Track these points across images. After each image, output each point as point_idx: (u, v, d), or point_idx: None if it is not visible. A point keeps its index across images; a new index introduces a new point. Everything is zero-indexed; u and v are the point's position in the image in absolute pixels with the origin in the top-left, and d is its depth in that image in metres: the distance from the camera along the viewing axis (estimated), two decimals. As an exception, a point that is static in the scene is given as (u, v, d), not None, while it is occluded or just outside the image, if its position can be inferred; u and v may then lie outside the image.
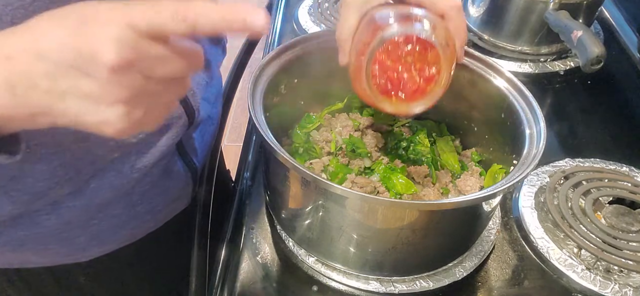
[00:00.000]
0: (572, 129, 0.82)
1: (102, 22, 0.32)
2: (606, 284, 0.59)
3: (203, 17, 0.33)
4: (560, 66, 0.91)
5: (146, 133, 0.55)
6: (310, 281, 0.59)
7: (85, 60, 0.32)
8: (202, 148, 0.68)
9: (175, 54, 0.34)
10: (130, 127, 0.35)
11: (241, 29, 0.34)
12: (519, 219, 0.66)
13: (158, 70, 0.34)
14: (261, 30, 0.34)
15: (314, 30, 0.94)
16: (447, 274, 0.60)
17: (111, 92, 0.33)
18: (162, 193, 0.63)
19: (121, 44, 0.31)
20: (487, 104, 0.63)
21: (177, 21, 0.32)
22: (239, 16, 0.33)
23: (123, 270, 0.71)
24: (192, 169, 0.66)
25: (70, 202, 0.54)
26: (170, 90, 0.37)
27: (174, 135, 0.58)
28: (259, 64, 0.59)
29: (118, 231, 0.62)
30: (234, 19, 0.33)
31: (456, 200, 0.52)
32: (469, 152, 0.69)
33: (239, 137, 1.89)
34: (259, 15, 0.33)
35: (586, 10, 0.87)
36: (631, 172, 0.72)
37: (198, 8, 0.33)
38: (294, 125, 0.70)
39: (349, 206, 0.51)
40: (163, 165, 0.60)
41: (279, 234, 0.63)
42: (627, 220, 0.64)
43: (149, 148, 0.56)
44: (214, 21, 0.33)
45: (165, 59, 0.34)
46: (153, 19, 0.32)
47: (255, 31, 0.34)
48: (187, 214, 0.70)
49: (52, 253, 0.59)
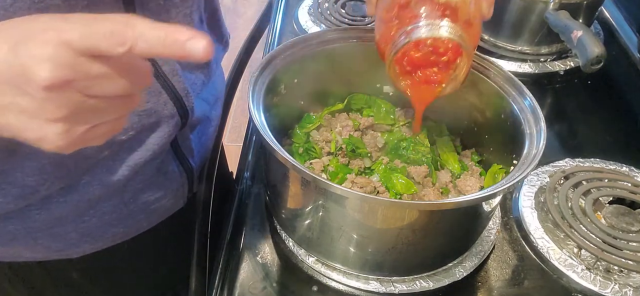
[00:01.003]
0: (572, 129, 0.82)
1: (40, 40, 0.32)
2: (606, 284, 0.59)
3: (141, 40, 0.32)
4: (560, 66, 0.90)
5: (135, 131, 0.55)
6: (310, 281, 0.59)
7: (22, 79, 0.32)
8: (199, 149, 0.68)
9: (118, 73, 0.34)
10: (71, 144, 0.35)
11: (181, 56, 0.33)
12: (519, 219, 0.66)
13: (97, 88, 0.34)
14: (202, 58, 0.33)
15: (314, 30, 0.94)
16: (447, 274, 0.60)
17: (48, 110, 0.33)
18: (155, 193, 0.63)
19: (56, 63, 0.31)
20: (487, 104, 0.63)
21: (113, 44, 0.32)
22: (179, 41, 0.33)
23: (116, 267, 0.71)
24: (188, 170, 0.66)
25: (61, 198, 0.55)
26: (116, 108, 0.37)
27: (166, 134, 0.57)
28: (259, 64, 0.59)
29: (109, 229, 0.62)
30: (174, 44, 0.33)
31: (456, 200, 0.52)
32: (469, 152, 0.69)
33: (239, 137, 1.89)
34: (200, 42, 0.33)
35: (586, 10, 0.87)
36: (631, 172, 0.72)
37: (138, 29, 0.32)
38: (294, 125, 0.70)
39: (349, 206, 0.51)
40: (156, 164, 0.60)
41: (279, 234, 0.63)
42: (627, 220, 0.64)
43: (139, 145, 0.56)
44: (152, 45, 0.33)
45: (105, 77, 0.34)
46: (88, 40, 0.32)
47: (195, 58, 0.33)
48: (182, 214, 0.69)
49: (43, 248, 0.60)
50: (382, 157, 0.67)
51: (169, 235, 0.71)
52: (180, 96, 0.57)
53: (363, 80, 0.71)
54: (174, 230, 0.71)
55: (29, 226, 0.56)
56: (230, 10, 2.76)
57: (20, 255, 0.62)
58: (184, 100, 0.58)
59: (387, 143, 0.69)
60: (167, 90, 0.55)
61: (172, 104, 0.57)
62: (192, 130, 0.65)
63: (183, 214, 0.70)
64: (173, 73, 0.56)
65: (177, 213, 0.69)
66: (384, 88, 0.72)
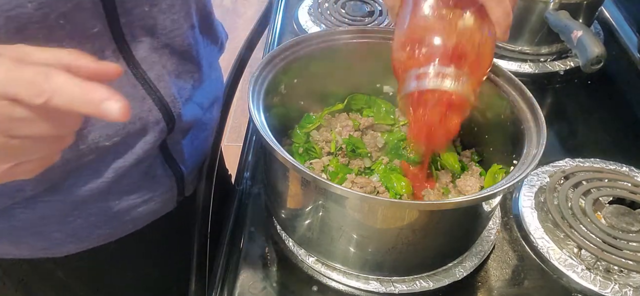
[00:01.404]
0: (572, 129, 0.82)
1: None
2: (606, 284, 0.59)
3: (57, 95, 0.33)
4: (560, 66, 0.90)
5: (120, 137, 0.54)
6: (310, 281, 0.59)
7: None
8: (191, 154, 0.66)
9: (41, 117, 0.34)
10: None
11: (97, 115, 0.34)
12: (519, 219, 0.66)
13: (20, 131, 0.34)
14: (119, 118, 0.34)
15: (314, 30, 0.94)
16: (447, 274, 0.60)
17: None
18: (142, 196, 0.62)
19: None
20: (487, 104, 0.63)
21: (31, 94, 0.33)
22: (94, 102, 0.33)
23: (103, 268, 0.71)
24: (178, 174, 0.65)
25: (45, 197, 0.54)
26: (41, 148, 0.37)
27: (152, 140, 0.57)
28: (259, 64, 0.59)
29: (95, 230, 0.61)
30: (90, 103, 0.33)
31: (456, 200, 0.52)
32: (469, 152, 0.69)
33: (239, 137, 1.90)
34: (116, 104, 0.33)
35: (586, 10, 0.87)
36: (631, 172, 0.72)
37: (54, 82, 0.33)
38: (294, 125, 0.70)
39: (349, 206, 0.51)
40: (144, 168, 0.59)
41: (279, 234, 0.63)
42: (627, 220, 0.64)
43: (125, 150, 0.56)
44: (69, 100, 0.33)
45: (27, 120, 0.34)
46: (9, 86, 0.32)
47: (111, 118, 0.34)
48: (173, 218, 0.69)
49: (28, 246, 0.60)
50: (382, 157, 0.67)
51: (160, 238, 0.71)
52: (166, 102, 0.56)
53: (363, 80, 0.71)
54: (165, 233, 0.70)
55: (12, 225, 0.56)
56: (230, 10, 2.76)
57: (6, 252, 0.62)
58: (170, 106, 0.57)
59: (387, 143, 0.69)
60: (152, 96, 0.54)
61: (157, 110, 0.55)
62: (184, 134, 0.63)
63: (173, 218, 0.69)
64: (159, 79, 0.55)
65: (167, 217, 0.68)
66: (384, 88, 0.72)
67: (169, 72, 0.57)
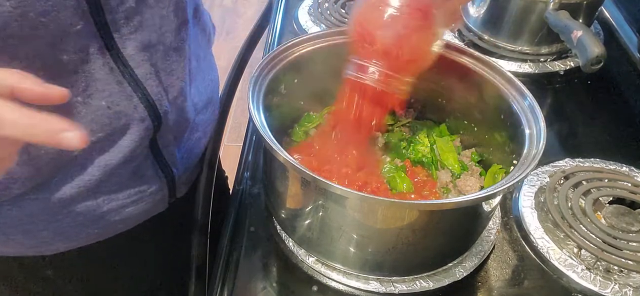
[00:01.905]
0: (572, 129, 0.82)
1: None
2: (606, 284, 0.59)
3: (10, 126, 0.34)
4: (560, 66, 0.91)
5: (105, 133, 0.53)
6: (310, 281, 0.59)
7: None
8: (183, 155, 0.66)
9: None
10: None
11: (54, 144, 0.35)
12: (519, 219, 0.66)
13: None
14: (76, 147, 0.35)
15: (314, 30, 0.94)
16: (447, 274, 0.60)
17: None
18: (131, 196, 0.61)
19: None
20: (487, 104, 0.63)
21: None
22: (53, 131, 0.35)
23: (92, 267, 0.70)
24: (169, 176, 0.64)
25: (33, 195, 0.54)
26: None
27: (138, 138, 0.56)
28: (259, 64, 0.59)
29: (83, 230, 0.61)
30: (46, 133, 0.34)
31: (456, 200, 0.52)
32: (469, 152, 0.69)
33: (239, 137, 1.90)
34: (73, 134, 0.35)
35: (586, 10, 0.87)
36: (631, 172, 0.72)
37: (10, 115, 0.34)
38: (294, 125, 0.70)
39: (349, 206, 0.51)
40: (133, 167, 0.59)
41: (279, 234, 0.63)
42: (627, 220, 0.64)
43: (110, 147, 0.55)
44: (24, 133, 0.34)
45: None
46: None
47: (69, 148, 0.35)
48: (164, 218, 0.68)
49: (16, 244, 0.59)
50: (382, 156, 0.67)
51: (151, 238, 0.70)
52: (152, 100, 0.55)
53: (363, 80, 0.71)
54: (156, 234, 0.70)
55: (1, 223, 0.56)
56: (230, 10, 2.75)
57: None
58: (157, 105, 0.56)
59: (387, 143, 0.69)
60: (138, 93, 0.54)
61: (144, 108, 0.55)
62: (175, 135, 0.63)
63: (165, 218, 0.68)
64: (147, 76, 0.54)
65: (158, 217, 0.67)
66: (384, 88, 0.72)
67: (158, 69, 0.56)
